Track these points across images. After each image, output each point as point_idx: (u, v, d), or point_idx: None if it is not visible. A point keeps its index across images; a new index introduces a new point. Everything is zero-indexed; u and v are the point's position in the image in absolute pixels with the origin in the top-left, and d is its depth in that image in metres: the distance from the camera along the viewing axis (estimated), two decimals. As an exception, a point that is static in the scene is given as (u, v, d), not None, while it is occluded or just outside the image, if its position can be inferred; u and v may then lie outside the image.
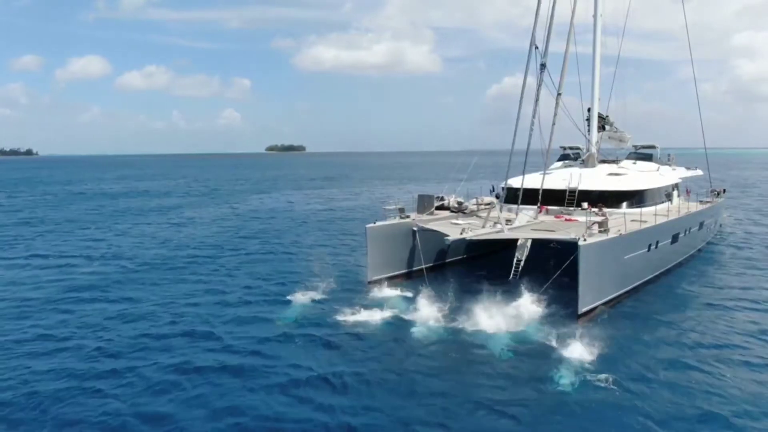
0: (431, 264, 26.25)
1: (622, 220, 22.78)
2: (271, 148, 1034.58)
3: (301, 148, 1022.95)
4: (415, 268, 25.79)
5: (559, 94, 28.11)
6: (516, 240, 23.72)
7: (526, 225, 25.51)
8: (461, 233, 22.76)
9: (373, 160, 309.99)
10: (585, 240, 19.57)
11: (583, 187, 28.36)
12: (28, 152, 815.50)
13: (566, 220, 26.57)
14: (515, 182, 28.52)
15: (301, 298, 22.15)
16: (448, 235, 22.64)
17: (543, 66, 27.13)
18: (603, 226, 21.13)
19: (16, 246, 35.98)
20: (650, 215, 24.79)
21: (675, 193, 33.24)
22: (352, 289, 23.54)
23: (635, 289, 22.90)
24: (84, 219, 49.19)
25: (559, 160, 36.09)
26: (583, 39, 33.09)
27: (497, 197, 33.00)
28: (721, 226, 39.99)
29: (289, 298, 22.32)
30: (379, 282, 24.24)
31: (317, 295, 22.39)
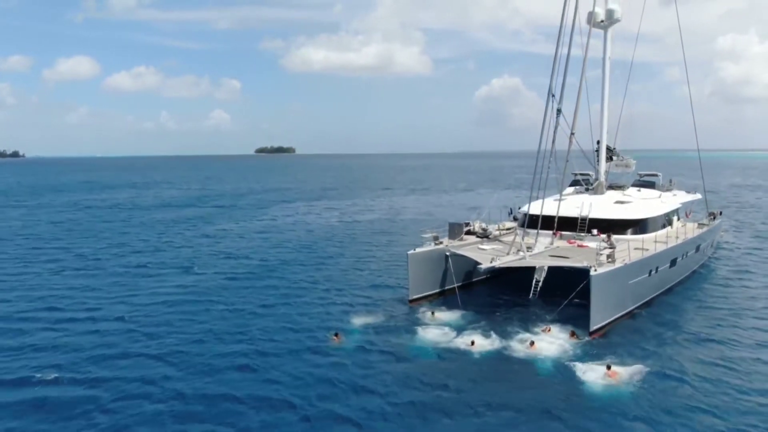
0: (461, 283, 30.17)
1: (628, 245, 26.85)
2: (260, 150, 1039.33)
3: (290, 150, 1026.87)
4: (447, 287, 29.70)
5: (572, 134, 32.18)
6: (535, 263, 27.76)
7: (544, 251, 29.45)
8: (491, 262, 26.74)
9: (369, 163, 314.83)
10: (596, 270, 23.62)
11: (593, 215, 32.23)
12: (15, 154, 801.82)
13: (578, 245, 30.49)
14: (534, 209, 32.25)
15: (354, 316, 25.90)
16: (481, 263, 26.66)
17: (559, 111, 31.16)
18: (611, 257, 25.17)
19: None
20: (651, 242, 28.82)
21: (675, 217, 37.09)
22: (396, 307, 27.38)
23: (638, 308, 26.87)
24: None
25: (571, 185, 39.86)
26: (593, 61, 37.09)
27: (515, 219, 37.18)
28: (718, 244, 43.77)
29: (342, 318, 26.08)
30: (418, 300, 28.35)
31: (368, 312, 26.34)
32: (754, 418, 16.72)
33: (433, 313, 25.86)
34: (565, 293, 25.88)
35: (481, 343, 22.03)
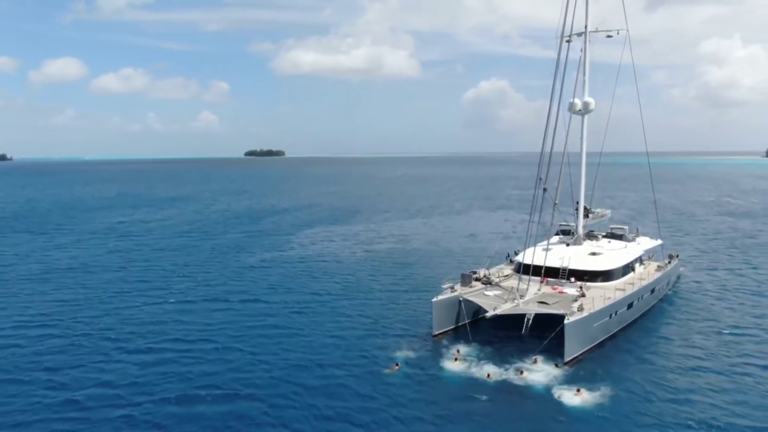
0: (470, 320, 39.79)
1: (597, 292, 36.97)
2: (250, 153, 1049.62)
3: (280, 153, 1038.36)
4: (460, 324, 39.43)
5: (555, 204, 42.19)
6: (528, 305, 37.64)
7: (533, 297, 39.19)
8: (494, 309, 36.38)
9: (365, 172, 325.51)
10: (569, 319, 33.39)
11: (571, 266, 42.19)
12: (2, 157, 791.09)
13: (560, 292, 40.25)
14: (527, 259, 41.99)
15: (397, 348, 35.49)
16: (487, 311, 36.35)
17: (545, 190, 41.15)
18: (581, 308, 34.95)
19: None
20: (614, 290, 38.72)
21: (637, 264, 46.94)
22: (424, 340, 37.28)
23: (601, 343, 36.65)
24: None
25: (556, 234, 49.76)
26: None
27: (511, 261, 47.04)
28: (678, 279, 53.58)
29: (390, 348, 35.68)
30: (439, 335, 38.03)
31: (406, 344, 36.13)
32: (688, 419, 26.78)
33: (458, 350, 35.38)
34: (548, 329, 35.46)
35: (493, 374, 31.89)
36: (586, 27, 45.91)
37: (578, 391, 29.43)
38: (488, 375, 31.66)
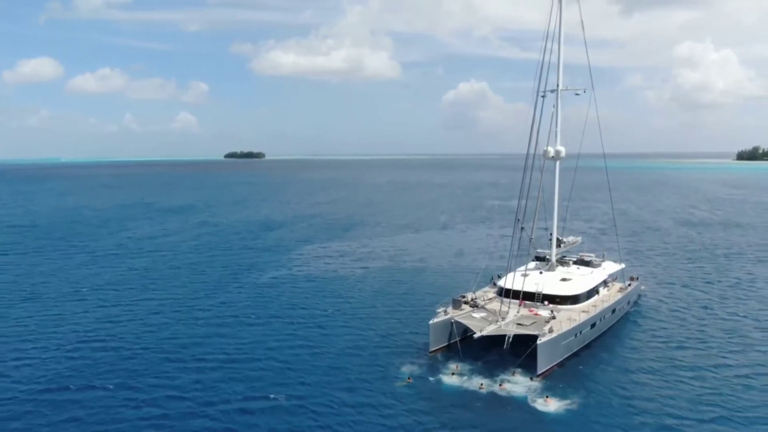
0: (461, 338, 47.54)
1: (566, 314, 45.04)
2: (230, 155, 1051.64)
3: (260, 155, 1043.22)
4: (452, 342, 47.12)
5: (531, 239, 50.30)
6: (509, 324, 45.61)
7: (513, 319, 47.07)
8: (480, 331, 44.13)
9: (354, 179, 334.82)
10: (541, 340, 41.27)
11: (545, 291, 50.23)
12: None
13: (535, 314, 48.19)
14: (508, 284, 49.91)
15: (402, 363, 43.05)
16: (474, 332, 44.09)
17: (522, 228, 49.26)
18: (551, 330, 42.88)
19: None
20: (579, 312, 46.78)
21: (602, 287, 55.10)
22: (422, 356, 44.96)
23: (568, 358, 44.59)
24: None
25: (533, 260, 57.81)
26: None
27: (494, 284, 54.91)
28: (639, 298, 61.85)
29: (396, 363, 43.28)
30: (435, 352, 45.72)
31: (410, 360, 43.74)
32: (637, 415, 35.00)
33: (457, 366, 43.02)
34: (524, 347, 43.14)
35: (485, 384, 39.63)
36: (558, 86, 54.10)
37: (547, 398, 37.37)
38: (480, 385, 39.52)
